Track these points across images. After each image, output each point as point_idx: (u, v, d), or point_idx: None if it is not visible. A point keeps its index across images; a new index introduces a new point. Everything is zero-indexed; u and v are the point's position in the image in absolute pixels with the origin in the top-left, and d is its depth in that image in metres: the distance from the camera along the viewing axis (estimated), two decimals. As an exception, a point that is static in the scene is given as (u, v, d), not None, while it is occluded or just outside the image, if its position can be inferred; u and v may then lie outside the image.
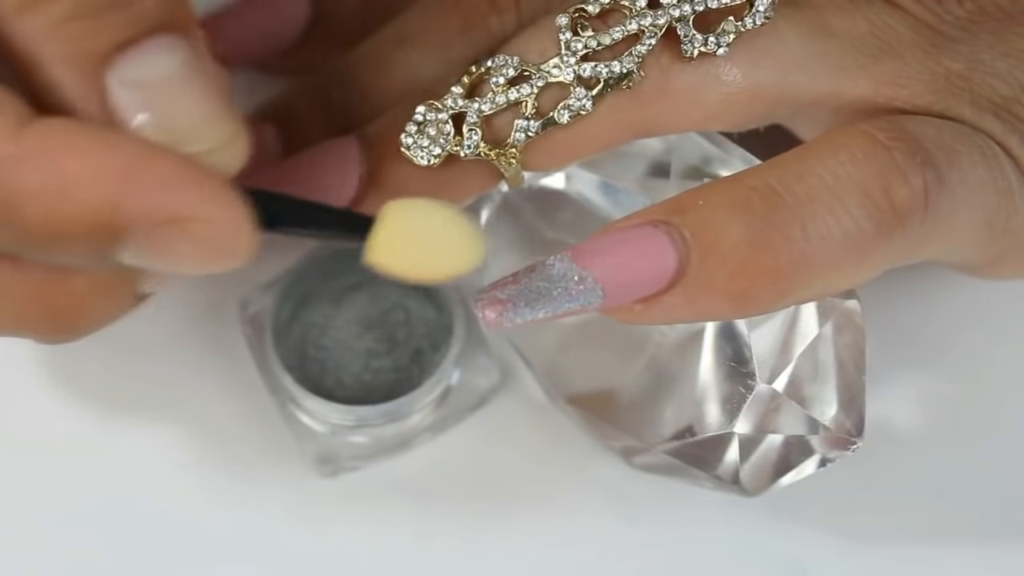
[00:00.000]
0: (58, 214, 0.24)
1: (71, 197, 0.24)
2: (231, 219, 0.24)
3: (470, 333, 0.36)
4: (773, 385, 0.32)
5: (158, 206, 0.24)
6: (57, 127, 0.24)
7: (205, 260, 0.25)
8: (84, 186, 0.24)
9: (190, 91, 0.25)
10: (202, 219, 0.24)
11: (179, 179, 0.24)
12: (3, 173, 0.23)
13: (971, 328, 0.39)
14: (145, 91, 0.25)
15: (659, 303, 0.28)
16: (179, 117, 0.25)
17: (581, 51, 0.30)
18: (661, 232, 0.28)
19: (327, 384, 0.37)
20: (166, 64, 0.25)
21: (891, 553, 0.36)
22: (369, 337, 0.37)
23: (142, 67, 0.24)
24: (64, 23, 0.24)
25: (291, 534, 0.36)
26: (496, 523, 0.37)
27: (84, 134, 0.24)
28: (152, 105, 0.25)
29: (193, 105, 0.25)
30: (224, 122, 0.25)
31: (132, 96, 0.25)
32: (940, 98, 0.30)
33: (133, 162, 0.24)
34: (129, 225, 0.24)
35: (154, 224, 0.24)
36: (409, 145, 0.30)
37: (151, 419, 0.37)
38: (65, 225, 0.24)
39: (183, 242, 0.24)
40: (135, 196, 0.24)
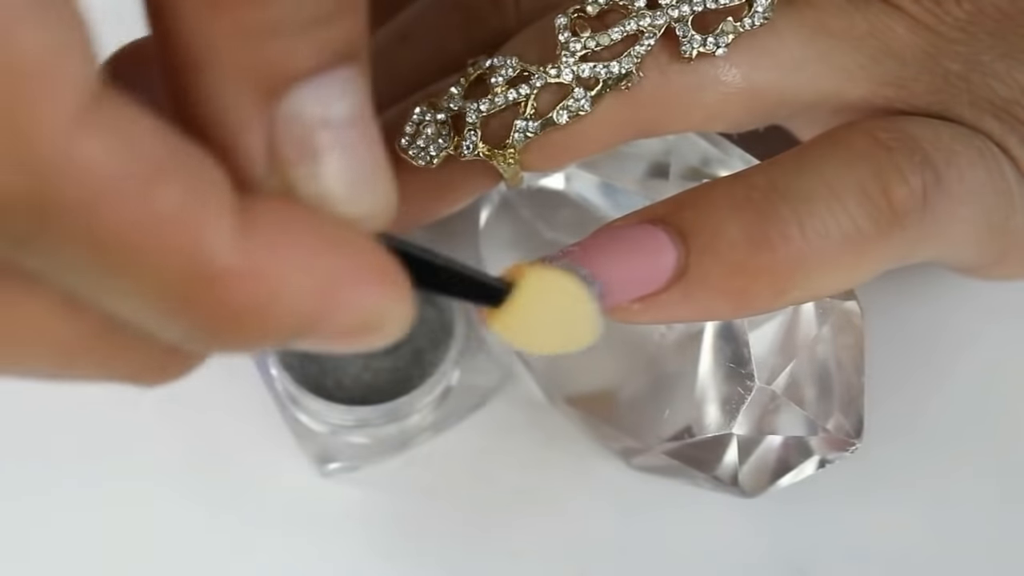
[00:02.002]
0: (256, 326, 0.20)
1: (274, 313, 0.20)
2: (404, 313, 0.21)
3: (470, 333, 0.36)
4: (772, 386, 0.32)
5: (354, 319, 0.21)
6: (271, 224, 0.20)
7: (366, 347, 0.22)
8: (290, 302, 0.20)
9: (363, 138, 0.21)
10: (389, 318, 0.21)
11: (377, 287, 0.21)
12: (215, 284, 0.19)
13: (970, 329, 0.39)
14: (323, 131, 0.20)
15: (657, 302, 0.28)
16: (352, 168, 0.21)
17: (580, 51, 0.29)
18: (660, 231, 0.28)
19: (327, 384, 0.37)
20: (344, 101, 0.20)
21: (890, 554, 0.36)
22: (369, 337, 0.37)
23: (321, 101, 0.20)
24: (248, 35, 0.20)
25: (291, 534, 0.36)
26: (496, 523, 0.37)
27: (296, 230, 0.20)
28: (329, 148, 0.21)
29: (365, 155, 0.21)
30: (388, 179, 0.22)
31: (306, 135, 0.20)
32: (939, 99, 0.30)
33: (339, 269, 0.20)
34: (322, 332, 0.21)
35: (346, 330, 0.21)
36: (408, 145, 0.30)
37: (151, 419, 0.37)
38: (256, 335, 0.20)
39: (359, 337, 0.21)
40: (335, 312, 0.20)
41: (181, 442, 0.37)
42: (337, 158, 0.21)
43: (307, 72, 0.20)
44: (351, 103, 0.21)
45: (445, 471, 0.37)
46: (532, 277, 0.25)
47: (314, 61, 0.20)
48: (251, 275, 0.19)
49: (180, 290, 0.19)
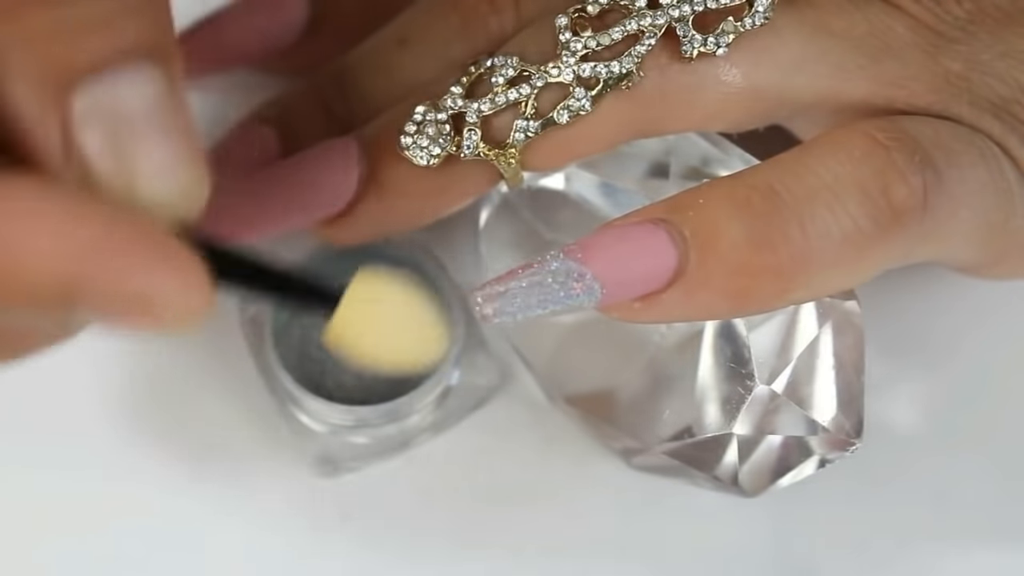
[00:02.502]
0: (11, 286, 0.22)
1: (26, 272, 0.22)
2: (186, 296, 0.22)
3: (470, 333, 0.36)
4: (772, 386, 0.32)
5: (118, 287, 0.22)
6: (22, 190, 0.22)
7: (158, 329, 0.23)
8: (38, 264, 0.22)
9: (157, 130, 0.23)
10: (158, 298, 0.22)
11: (143, 259, 0.22)
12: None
13: (970, 329, 0.39)
14: (110, 122, 0.22)
15: (658, 301, 0.28)
16: (141, 156, 0.23)
17: (581, 51, 0.30)
18: (661, 230, 0.28)
19: (327, 384, 0.37)
20: (138, 96, 0.22)
21: (890, 554, 0.36)
22: (369, 337, 0.37)
23: (112, 95, 0.22)
24: (38, 34, 0.22)
25: (291, 534, 0.36)
26: (496, 523, 0.37)
27: (48, 200, 0.22)
28: (115, 138, 0.22)
29: (158, 146, 0.23)
30: (186, 168, 0.23)
31: (95, 125, 0.22)
32: (939, 98, 0.30)
33: (94, 239, 0.22)
34: (84, 301, 0.22)
35: (111, 303, 0.22)
36: (408, 145, 0.30)
37: (151, 419, 0.37)
38: (17, 296, 0.22)
39: (136, 316, 0.23)
40: (93, 275, 0.22)
41: (180, 442, 0.37)
42: (130, 150, 0.22)
43: (94, 68, 0.22)
44: (145, 96, 0.22)
45: (445, 471, 0.37)
46: (361, 285, 0.25)
47: (101, 58, 0.22)
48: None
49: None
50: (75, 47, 0.22)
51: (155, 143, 0.23)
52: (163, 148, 0.23)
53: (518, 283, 0.28)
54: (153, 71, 0.22)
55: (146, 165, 0.23)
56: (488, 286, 0.28)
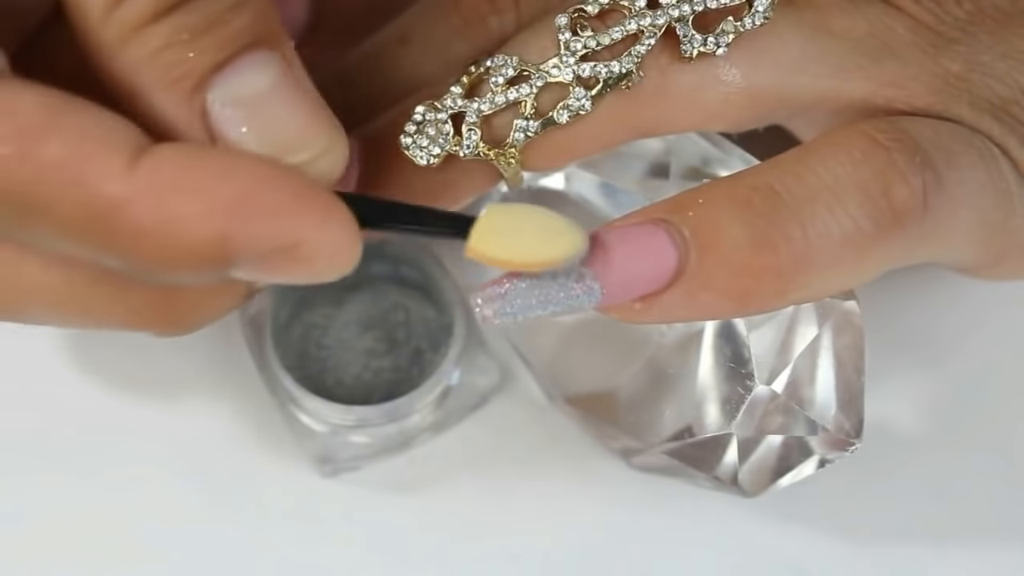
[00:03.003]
0: (169, 250, 0.24)
1: (180, 235, 0.24)
2: (337, 240, 0.25)
3: (470, 333, 0.36)
4: (772, 386, 0.32)
5: (267, 237, 0.24)
6: (168, 159, 0.24)
7: (314, 275, 0.25)
8: (194, 224, 0.24)
9: (286, 104, 0.26)
10: (309, 244, 0.24)
11: (284, 208, 0.24)
12: (115, 215, 0.24)
13: (970, 329, 0.39)
14: (244, 108, 0.25)
15: (659, 302, 0.28)
16: (278, 130, 0.26)
17: (580, 51, 0.30)
18: (661, 230, 0.28)
19: (327, 384, 0.37)
20: (261, 80, 0.25)
21: (890, 554, 0.36)
22: (369, 337, 0.37)
23: (239, 85, 0.25)
24: (162, 51, 0.25)
25: (291, 534, 0.36)
26: (496, 523, 0.37)
27: (193, 165, 0.24)
28: (252, 120, 0.25)
29: (290, 117, 0.26)
30: (322, 131, 0.26)
31: (232, 114, 0.25)
32: (939, 99, 0.30)
33: (238, 194, 0.24)
34: (240, 254, 0.24)
35: (264, 252, 0.24)
36: (408, 145, 0.30)
37: (151, 419, 0.37)
38: (176, 259, 0.24)
39: (293, 263, 0.25)
40: (244, 230, 0.24)
41: (181, 442, 0.37)
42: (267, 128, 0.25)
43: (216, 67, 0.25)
44: (268, 77, 0.25)
45: (445, 471, 0.37)
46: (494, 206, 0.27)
47: (221, 56, 0.25)
48: (140, 201, 0.23)
49: (85, 223, 0.24)
50: (194, 53, 0.25)
51: (286, 118, 0.26)
52: (294, 120, 0.26)
53: (518, 284, 0.28)
54: (267, 56, 0.25)
55: (284, 138, 0.26)
56: (488, 287, 0.28)
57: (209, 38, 0.25)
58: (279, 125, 0.26)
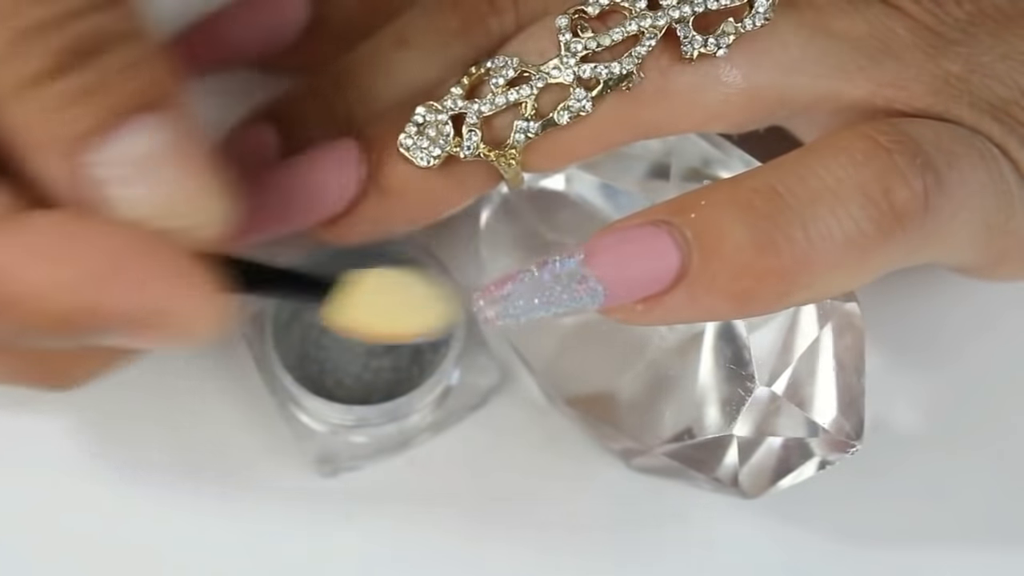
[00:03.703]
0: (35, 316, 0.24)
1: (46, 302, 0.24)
2: (202, 309, 0.25)
3: (470, 333, 0.36)
4: (772, 387, 0.32)
5: (133, 307, 0.24)
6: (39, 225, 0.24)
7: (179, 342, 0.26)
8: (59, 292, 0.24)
9: (171, 170, 0.25)
10: (175, 313, 0.25)
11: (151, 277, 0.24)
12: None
13: (970, 330, 0.39)
14: (129, 170, 0.25)
15: (661, 303, 0.28)
16: (163, 194, 0.25)
17: (581, 52, 0.30)
18: (663, 232, 0.28)
19: (327, 384, 0.37)
20: (148, 143, 0.25)
21: (891, 556, 0.36)
22: (369, 337, 0.37)
23: (125, 148, 0.25)
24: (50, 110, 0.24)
25: (291, 534, 0.36)
26: (496, 523, 0.37)
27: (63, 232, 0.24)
28: (136, 183, 0.25)
29: (174, 183, 0.25)
30: (208, 198, 0.26)
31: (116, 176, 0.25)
32: (939, 100, 0.30)
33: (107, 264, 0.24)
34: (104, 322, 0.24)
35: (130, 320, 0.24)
36: (409, 146, 0.30)
37: (151, 419, 0.37)
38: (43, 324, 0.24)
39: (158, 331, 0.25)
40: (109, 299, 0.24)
41: (181, 442, 0.37)
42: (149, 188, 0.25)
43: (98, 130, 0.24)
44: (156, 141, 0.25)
45: (445, 471, 0.37)
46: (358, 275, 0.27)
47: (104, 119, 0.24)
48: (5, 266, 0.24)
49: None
50: (82, 114, 0.24)
51: (172, 183, 0.25)
52: (180, 185, 0.25)
53: (520, 286, 0.28)
54: (156, 122, 0.25)
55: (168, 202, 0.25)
56: (490, 289, 0.28)
57: (97, 100, 0.24)
58: (164, 189, 0.25)
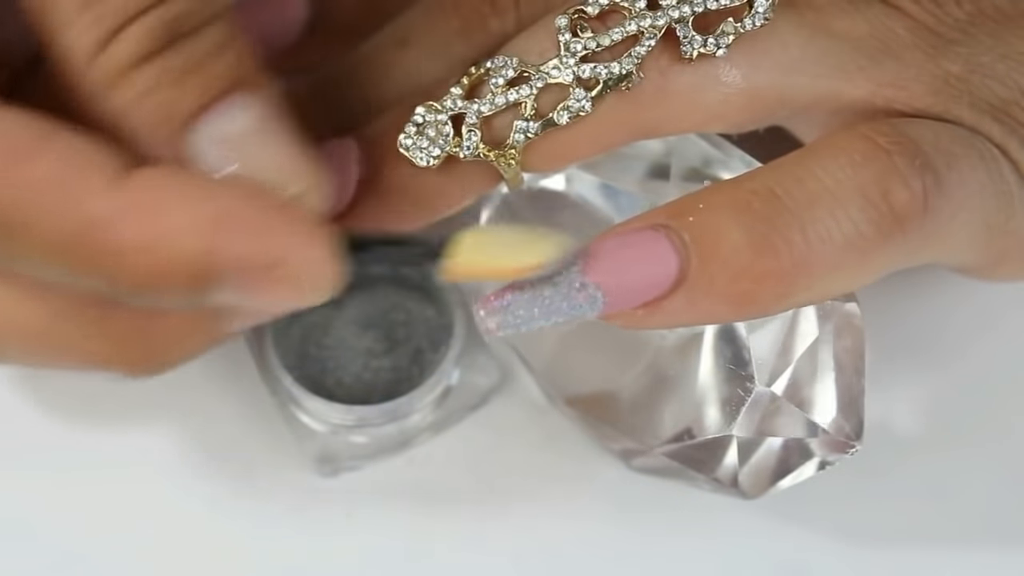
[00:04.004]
0: (154, 266, 0.24)
1: (165, 250, 0.24)
2: (319, 260, 0.25)
3: (470, 333, 0.36)
4: (772, 388, 0.32)
5: (250, 254, 0.25)
6: (152, 179, 0.25)
7: (296, 299, 0.26)
8: (177, 239, 0.24)
9: (269, 143, 0.26)
10: (292, 263, 0.25)
11: (268, 225, 0.25)
12: (98, 231, 0.24)
13: (970, 330, 0.39)
14: (228, 148, 0.26)
15: (660, 308, 0.28)
16: (262, 168, 0.26)
17: (580, 52, 0.29)
18: (662, 236, 0.28)
19: (327, 384, 0.37)
20: (243, 121, 0.26)
21: (890, 556, 0.36)
22: (369, 337, 0.37)
23: (222, 125, 0.26)
24: (146, 94, 0.25)
25: (291, 534, 0.36)
26: (496, 523, 0.37)
27: (177, 185, 0.25)
28: (234, 159, 0.26)
29: (272, 156, 0.26)
30: (304, 169, 0.27)
31: (216, 152, 0.26)
32: (939, 100, 0.30)
33: (223, 211, 0.25)
34: (223, 272, 0.25)
35: (247, 270, 0.25)
36: (408, 146, 0.30)
37: (151, 419, 0.37)
38: (161, 276, 0.25)
39: (275, 284, 0.25)
40: (227, 245, 0.24)
41: (181, 442, 0.37)
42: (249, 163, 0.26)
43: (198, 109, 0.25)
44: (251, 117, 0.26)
45: (445, 471, 0.37)
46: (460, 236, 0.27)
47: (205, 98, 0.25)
48: (124, 218, 0.24)
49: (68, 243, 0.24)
50: (178, 95, 0.25)
51: (269, 157, 0.26)
52: (277, 159, 0.26)
53: (520, 296, 0.28)
54: (249, 99, 0.26)
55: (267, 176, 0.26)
56: (490, 300, 0.28)
57: (193, 81, 0.25)
58: (262, 164, 0.26)
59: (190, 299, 0.25)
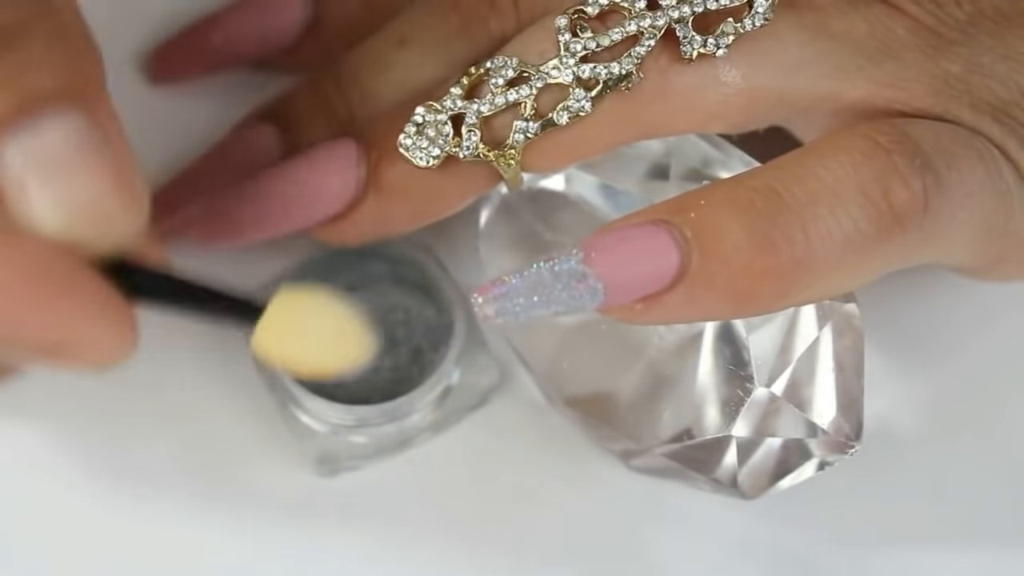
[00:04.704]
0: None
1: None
2: (118, 339, 0.24)
3: (470, 333, 0.36)
4: (772, 388, 0.32)
5: (47, 333, 0.23)
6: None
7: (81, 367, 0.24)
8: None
9: (85, 166, 0.23)
10: (87, 343, 0.23)
11: (57, 302, 0.23)
12: None
13: (970, 331, 0.39)
14: (38, 167, 0.23)
15: (660, 303, 0.28)
16: (71, 192, 0.23)
17: (580, 52, 0.30)
18: (663, 231, 0.28)
19: (327, 384, 0.36)
20: (58, 137, 0.23)
21: (890, 556, 0.36)
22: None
23: (31, 140, 0.23)
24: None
25: (291, 534, 0.36)
26: (495, 523, 0.36)
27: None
28: (45, 182, 0.23)
29: (87, 180, 0.23)
30: (121, 199, 0.24)
31: (22, 169, 0.23)
32: (939, 100, 0.30)
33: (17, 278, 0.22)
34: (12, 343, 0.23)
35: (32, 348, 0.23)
36: (408, 146, 0.30)
37: (151, 419, 0.37)
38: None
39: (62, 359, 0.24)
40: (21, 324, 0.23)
41: (180, 442, 0.37)
42: (59, 187, 0.23)
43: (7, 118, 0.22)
44: (63, 136, 0.23)
45: (445, 471, 0.37)
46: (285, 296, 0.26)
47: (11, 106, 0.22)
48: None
49: None
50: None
51: (85, 183, 0.23)
52: (92, 186, 0.23)
53: (520, 283, 0.28)
54: (70, 113, 0.23)
55: (78, 204, 0.23)
56: (489, 287, 0.28)
57: (9, 88, 0.23)
58: (74, 190, 0.23)
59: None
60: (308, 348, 0.27)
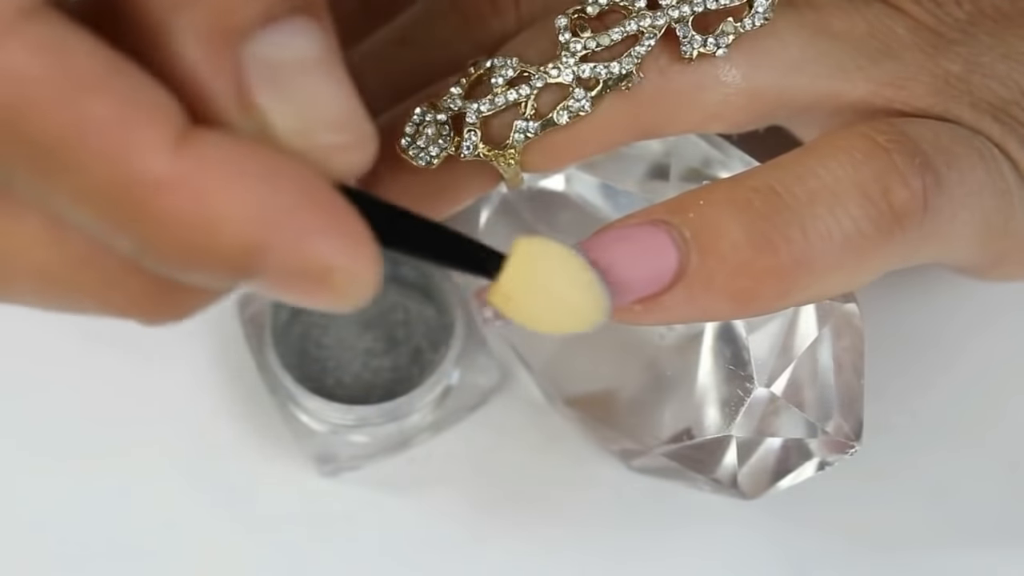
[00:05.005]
0: (195, 245, 0.22)
1: (213, 233, 0.21)
2: (367, 271, 0.23)
3: (470, 333, 0.36)
4: (772, 388, 0.32)
5: (302, 258, 0.22)
6: (215, 149, 0.22)
7: (333, 303, 0.23)
8: (230, 225, 0.21)
9: (326, 79, 0.23)
10: (339, 273, 0.22)
11: (328, 231, 0.22)
12: (148, 192, 0.21)
13: (970, 330, 0.39)
14: (284, 73, 0.22)
15: (659, 303, 0.28)
16: (314, 105, 0.23)
17: (580, 52, 0.29)
18: (662, 231, 0.28)
19: (327, 383, 0.37)
20: (305, 46, 0.23)
21: (890, 556, 0.36)
22: (369, 336, 0.37)
23: (280, 46, 0.22)
24: None
25: (291, 534, 0.36)
26: (495, 523, 0.37)
27: (240, 161, 0.22)
28: (289, 89, 0.22)
29: (329, 94, 0.23)
30: (359, 117, 0.23)
31: (267, 77, 0.22)
32: (939, 100, 0.30)
33: (283, 206, 0.22)
34: (269, 269, 0.22)
35: (292, 271, 0.22)
36: (408, 146, 0.30)
37: (151, 418, 0.37)
38: (199, 256, 0.22)
39: (315, 288, 0.23)
40: (279, 245, 0.22)
41: (180, 442, 0.37)
42: (300, 96, 0.22)
43: (258, 23, 0.22)
44: (308, 47, 0.22)
45: (445, 471, 0.37)
46: (527, 246, 0.25)
47: (264, 13, 0.22)
48: (184, 188, 0.21)
49: (115, 195, 0.21)
50: (239, 4, 0.22)
51: (327, 94, 0.23)
52: (334, 97, 0.23)
53: None
54: (313, 26, 0.23)
55: (319, 115, 0.23)
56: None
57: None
58: (317, 100, 0.23)
59: (220, 282, 0.23)
60: (551, 304, 0.25)
